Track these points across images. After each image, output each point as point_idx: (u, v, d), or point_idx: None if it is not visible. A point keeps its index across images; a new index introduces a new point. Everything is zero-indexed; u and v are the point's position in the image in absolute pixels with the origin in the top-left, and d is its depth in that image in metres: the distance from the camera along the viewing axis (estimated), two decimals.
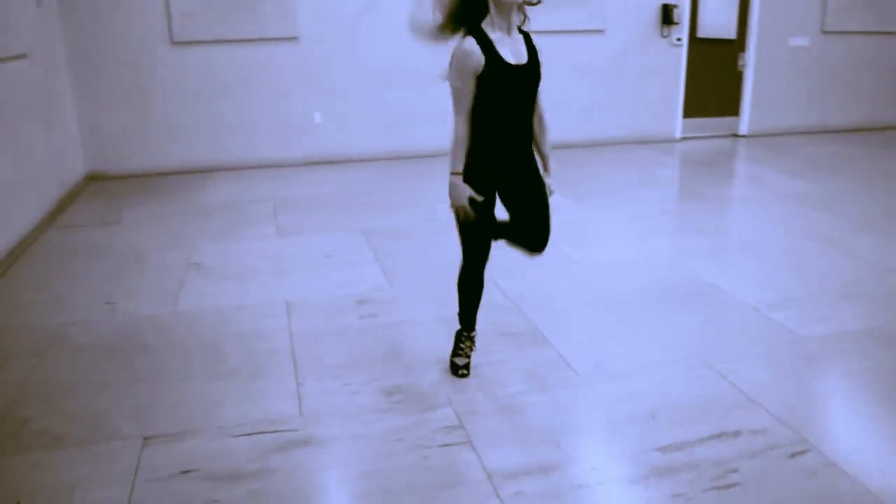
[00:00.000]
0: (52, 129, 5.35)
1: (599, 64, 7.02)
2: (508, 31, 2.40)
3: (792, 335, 3.06)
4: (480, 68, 2.34)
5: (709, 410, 2.50)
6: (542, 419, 2.48)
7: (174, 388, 2.74)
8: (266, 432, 2.42)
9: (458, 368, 2.76)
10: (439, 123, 6.57)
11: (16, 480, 2.22)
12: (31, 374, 2.87)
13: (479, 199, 2.45)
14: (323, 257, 4.14)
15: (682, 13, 7.10)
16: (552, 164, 2.64)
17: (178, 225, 4.86)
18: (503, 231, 2.68)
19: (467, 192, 2.44)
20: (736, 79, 7.78)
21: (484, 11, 2.37)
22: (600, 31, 6.93)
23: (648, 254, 4.15)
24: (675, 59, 7.23)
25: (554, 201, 2.67)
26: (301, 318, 3.32)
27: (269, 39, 6.20)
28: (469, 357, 2.79)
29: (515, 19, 2.41)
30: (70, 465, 2.28)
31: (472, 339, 2.82)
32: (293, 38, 6.23)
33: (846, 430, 2.45)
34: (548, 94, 2.62)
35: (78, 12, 5.85)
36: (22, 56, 4.77)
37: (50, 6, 5.60)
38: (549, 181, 2.62)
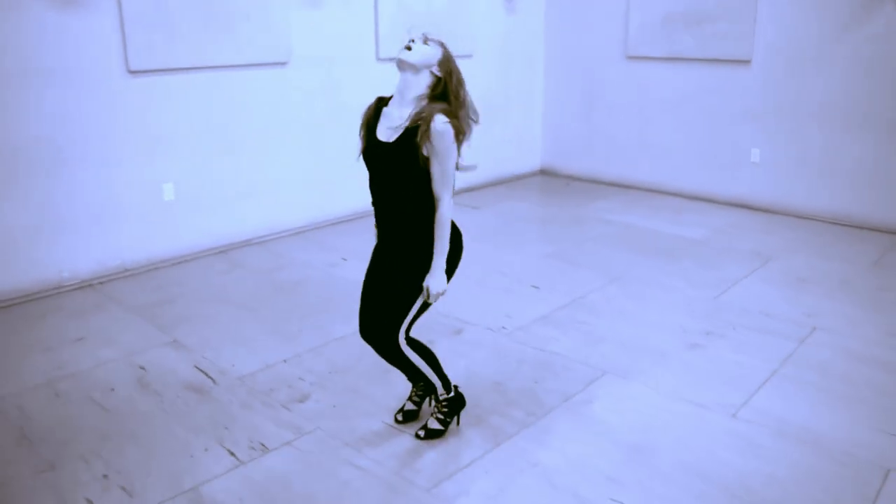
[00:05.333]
0: (529, 117, 6.92)
1: None
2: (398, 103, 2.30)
3: None
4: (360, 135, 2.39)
5: None
6: None
7: None
8: None
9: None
10: None
11: None
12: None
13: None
14: None
15: None
16: (437, 263, 2.36)
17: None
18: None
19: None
20: None
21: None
22: None
23: None
24: None
25: None
26: None
27: (720, 60, 5.83)
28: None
29: (407, 90, 2.26)
30: None
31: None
32: (745, 62, 5.70)
33: None
34: None
35: (557, 19, 6.66)
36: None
37: (534, 14, 6.59)
38: (427, 283, 2.37)
